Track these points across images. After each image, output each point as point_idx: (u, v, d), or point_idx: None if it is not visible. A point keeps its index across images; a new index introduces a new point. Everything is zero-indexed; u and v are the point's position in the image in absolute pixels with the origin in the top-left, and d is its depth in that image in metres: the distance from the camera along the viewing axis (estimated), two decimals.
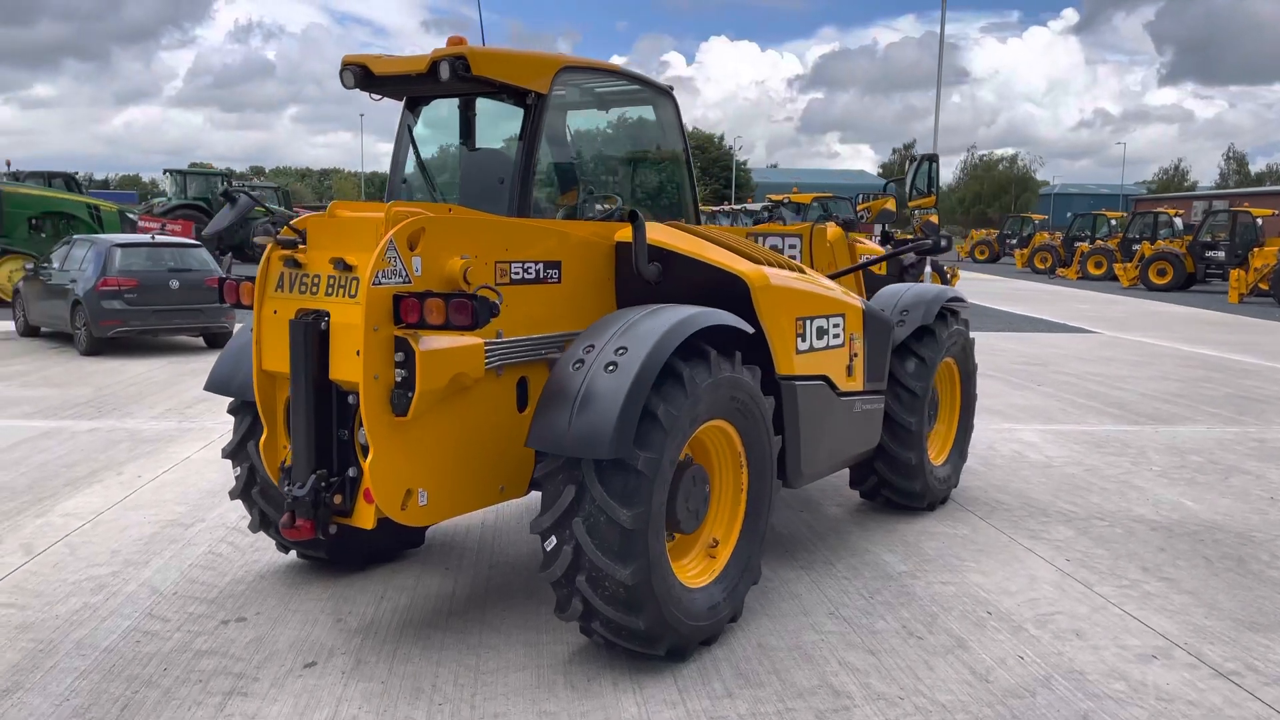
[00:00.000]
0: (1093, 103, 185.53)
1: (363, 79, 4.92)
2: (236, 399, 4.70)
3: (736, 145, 75.23)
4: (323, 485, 3.88)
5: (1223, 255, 28.99)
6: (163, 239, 14.47)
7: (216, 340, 13.56)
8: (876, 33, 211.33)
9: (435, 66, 4.64)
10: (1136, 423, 9.34)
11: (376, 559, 5.13)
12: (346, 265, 3.80)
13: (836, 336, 5.15)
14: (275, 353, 4.00)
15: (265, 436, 4.14)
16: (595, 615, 3.85)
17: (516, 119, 5.28)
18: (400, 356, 3.74)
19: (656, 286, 4.75)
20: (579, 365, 3.84)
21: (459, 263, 3.92)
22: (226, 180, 31.52)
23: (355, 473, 3.92)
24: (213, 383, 4.67)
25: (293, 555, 5.08)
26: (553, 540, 3.84)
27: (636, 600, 3.76)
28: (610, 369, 3.76)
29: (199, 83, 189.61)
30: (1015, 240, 45.50)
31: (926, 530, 5.90)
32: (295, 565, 5.09)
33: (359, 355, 3.69)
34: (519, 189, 4.90)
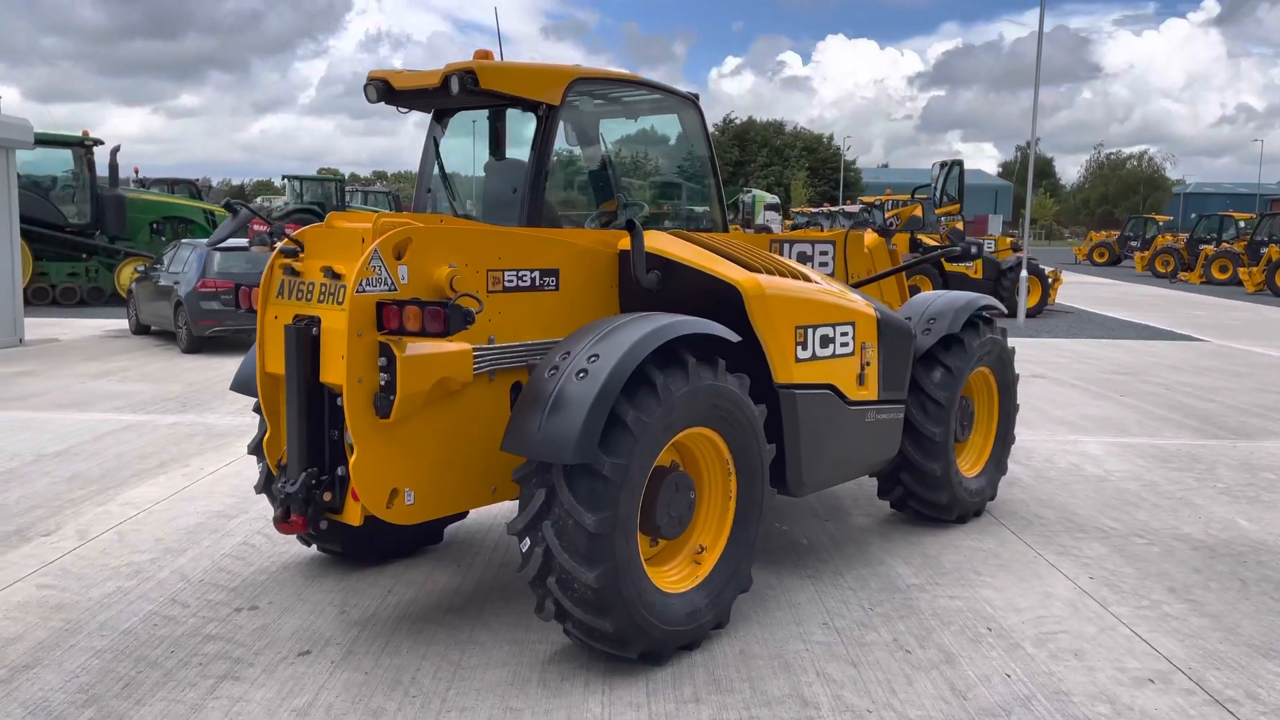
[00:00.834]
0: (1235, 97, 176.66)
1: (385, 93, 5.15)
2: (257, 399, 4.95)
3: (845, 145, 74.18)
4: (313, 483, 4.08)
5: None
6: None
7: None
8: (1002, 27, 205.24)
9: (446, 81, 4.82)
10: (1216, 436, 8.92)
11: (394, 555, 5.33)
12: (335, 274, 4.00)
13: (845, 345, 5.11)
14: (276, 356, 4.22)
15: (269, 435, 4.37)
16: (567, 616, 3.95)
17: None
18: (383, 361, 3.91)
19: (657, 295, 4.82)
20: (553, 371, 3.94)
21: (446, 271, 4.06)
22: (339, 186, 32.73)
23: (344, 471, 4.10)
24: (236, 383, 4.93)
25: (315, 549, 5.32)
26: (527, 542, 3.95)
27: (604, 603, 3.83)
28: (581, 376, 3.84)
29: (330, 91, 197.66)
30: (1137, 242, 43.65)
31: (951, 543, 5.80)
32: (316, 559, 5.33)
33: (344, 359, 3.87)
34: (529, 198, 5.04)
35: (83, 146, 20.17)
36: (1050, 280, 20.54)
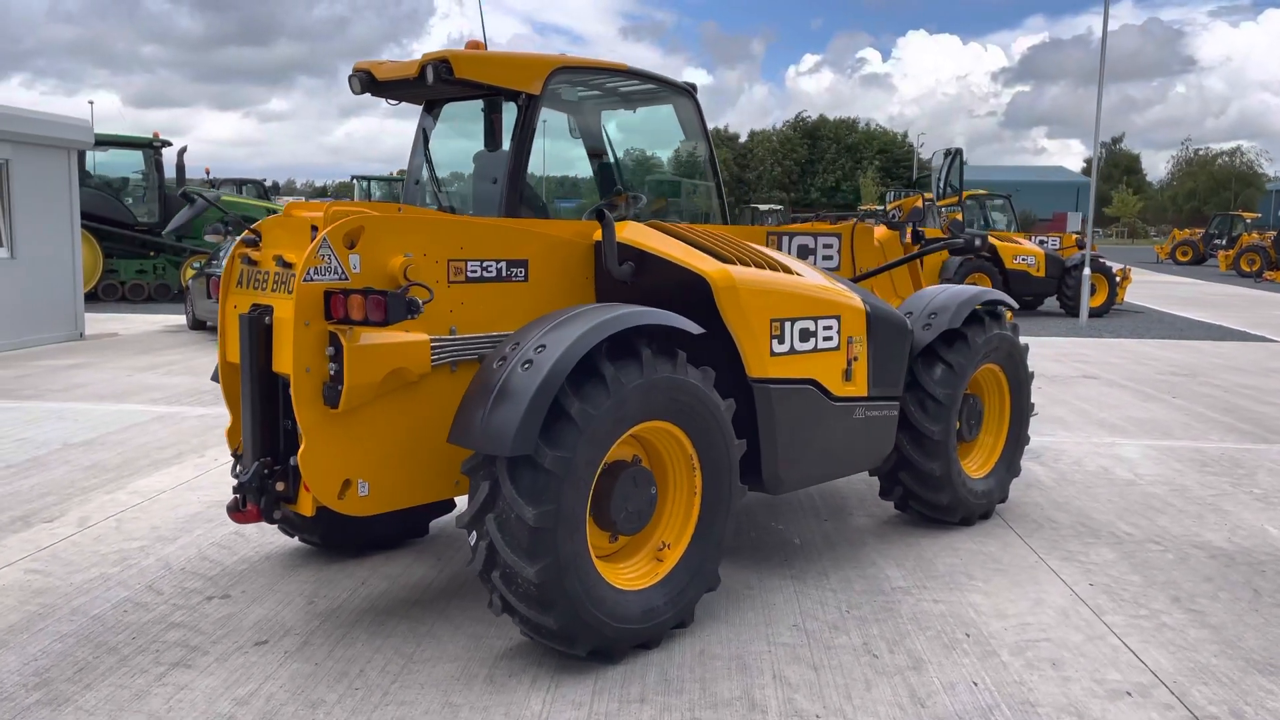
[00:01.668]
0: None
1: (369, 84, 5.15)
2: None
3: (919, 142, 72.78)
4: (265, 472, 4.07)
5: None
6: None
7: None
8: (1090, 20, 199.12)
9: (423, 71, 4.79)
10: (1265, 440, 8.48)
11: (377, 546, 5.32)
12: (286, 263, 3.99)
13: (828, 339, 4.95)
14: (234, 346, 4.24)
15: (230, 424, 4.39)
16: (513, 611, 3.88)
17: (548, 120, 5.41)
18: (332, 351, 3.89)
19: (632, 287, 4.72)
20: (501, 362, 3.87)
21: (400, 260, 4.03)
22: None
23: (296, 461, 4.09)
24: (215, 375, 4.96)
25: (298, 540, 5.34)
26: (474, 535, 3.89)
27: (547, 598, 3.75)
28: (526, 367, 3.77)
29: None
30: (1222, 240, 42.02)
31: (951, 546, 5.58)
32: (298, 550, 5.34)
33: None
34: (507, 189, 4.99)
35: (151, 148, 20.78)
36: (1118, 279, 19.87)
